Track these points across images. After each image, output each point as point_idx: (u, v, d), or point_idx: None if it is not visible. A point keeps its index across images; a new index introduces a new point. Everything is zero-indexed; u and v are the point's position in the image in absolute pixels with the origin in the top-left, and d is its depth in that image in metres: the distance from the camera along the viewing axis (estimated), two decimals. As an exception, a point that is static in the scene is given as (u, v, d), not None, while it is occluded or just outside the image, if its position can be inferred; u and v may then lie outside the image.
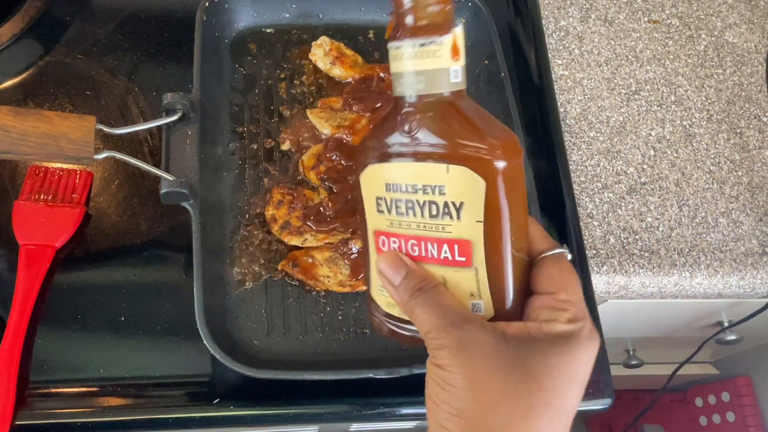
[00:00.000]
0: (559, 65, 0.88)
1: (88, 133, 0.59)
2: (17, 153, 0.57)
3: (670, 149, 0.84)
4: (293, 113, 0.73)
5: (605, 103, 0.86)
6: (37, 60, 0.74)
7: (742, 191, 0.82)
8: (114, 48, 0.76)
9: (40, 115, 0.57)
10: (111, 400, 0.58)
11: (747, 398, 1.26)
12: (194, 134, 0.65)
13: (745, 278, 0.78)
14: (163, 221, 0.67)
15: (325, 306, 0.64)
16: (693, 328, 1.07)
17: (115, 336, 0.61)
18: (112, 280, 0.64)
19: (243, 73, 0.74)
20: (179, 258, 0.65)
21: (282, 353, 0.61)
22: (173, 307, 0.63)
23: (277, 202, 0.66)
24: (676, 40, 0.92)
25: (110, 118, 0.72)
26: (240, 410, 0.60)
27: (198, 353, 0.59)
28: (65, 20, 0.77)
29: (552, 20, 0.91)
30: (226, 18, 0.75)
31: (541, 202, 0.69)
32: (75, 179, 0.67)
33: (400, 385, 0.60)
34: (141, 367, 0.60)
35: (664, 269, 0.76)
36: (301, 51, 0.77)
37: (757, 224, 0.80)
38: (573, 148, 0.82)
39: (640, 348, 1.19)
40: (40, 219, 0.64)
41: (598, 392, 0.65)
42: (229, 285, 0.63)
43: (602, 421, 1.49)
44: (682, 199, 0.81)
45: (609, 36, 0.91)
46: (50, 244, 0.63)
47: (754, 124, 0.87)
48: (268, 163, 0.70)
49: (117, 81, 0.74)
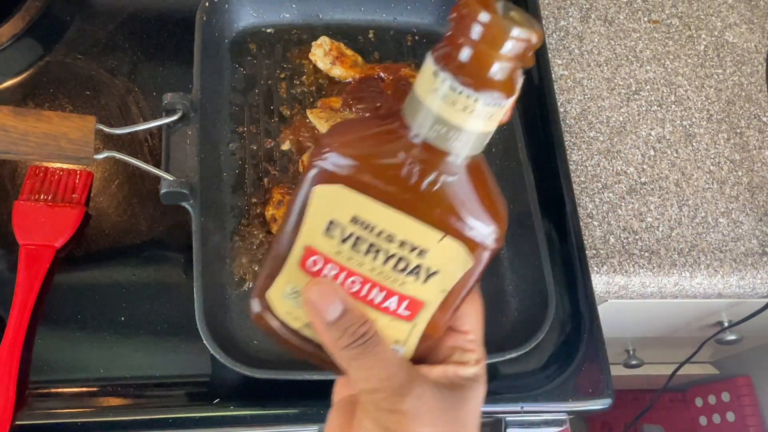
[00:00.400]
0: (559, 65, 0.88)
1: (88, 133, 0.59)
2: (17, 153, 0.57)
3: (670, 149, 0.84)
4: (293, 113, 0.73)
5: (605, 103, 0.86)
6: (37, 60, 0.74)
7: (742, 191, 0.82)
8: (114, 48, 0.76)
9: (40, 115, 0.57)
10: (111, 400, 0.58)
11: (747, 398, 1.26)
12: (194, 134, 0.65)
13: (745, 278, 0.78)
14: (163, 221, 0.67)
15: (325, 306, 0.64)
16: (693, 328, 1.07)
17: (115, 336, 0.61)
18: (112, 280, 0.64)
19: (243, 73, 0.74)
20: (179, 258, 0.65)
21: (282, 353, 0.61)
22: (173, 307, 0.63)
23: (277, 202, 0.66)
24: (676, 40, 0.92)
25: (110, 118, 0.72)
26: (240, 410, 0.60)
27: (198, 353, 0.59)
28: (65, 20, 0.77)
29: (552, 20, 0.91)
30: (226, 18, 0.75)
31: (541, 202, 0.69)
32: (75, 179, 0.67)
33: (400, 385, 0.60)
34: (141, 367, 0.60)
35: (664, 269, 0.76)
36: (301, 51, 0.77)
37: (757, 224, 0.80)
38: (573, 148, 0.82)
39: (640, 348, 1.19)
40: (40, 219, 0.64)
41: (598, 392, 0.65)
42: (229, 285, 0.63)
43: (602, 421, 1.49)
44: (682, 199, 0.81)
45: (609, 36, 0.91)
46: (50, 244, 0.63)
47: (754, 124, 0.87)
48: (268, 163, 0.70)
49: (117, 81, 0.74)
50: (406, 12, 0.80)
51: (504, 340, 0.63)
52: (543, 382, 0.65)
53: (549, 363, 0.66)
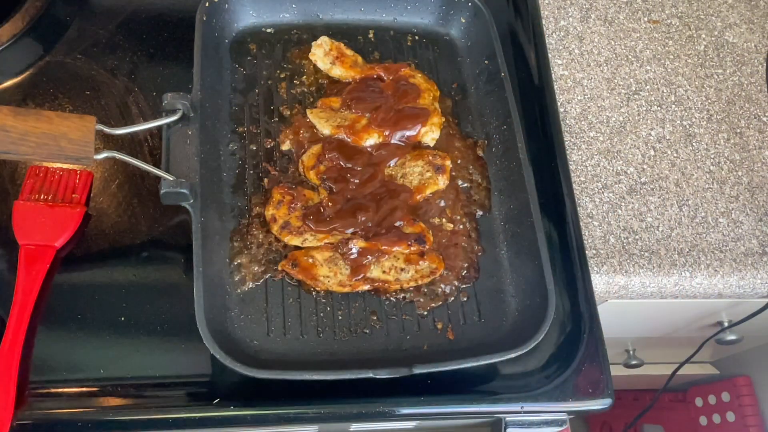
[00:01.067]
0: (559, 65, 0.88)
1: (88, 133, 0.59)
2: (17, 153, 0.57)
3: (670, 149, 0.84)
4: (293, 113, 0.73)
5: (605, 103, 0.86)
6: (37, 60, 0.74)
7: (742, 191, 0.82)
8: (114, 48, 0.76)
9: (40, 115, 0.57)
10: (111, 400, 0.58)
11: (747, 398, 1.26)
12: (194, 134, 0.65)
13: (745, 278, 0.78)
14: (163, 221, 0.67)
15: (325, 306, 0.64)
16: (693, 328, 1.07)
17: (115, 336, 0.61)
18: (112, 280, 0.64)
19: (243, 73, 0.74)
20: (179, 258, 0.65)
21: (282, 353, 0.61)
22: (173, 307, 0.63)
23: (277, 202, 0.66)
24: (676, 40, 0.92)
25: (110, 118, 0.72)
26: (240, 410, 0.60)
27: (198, 353, 0.59)
28: (65, 20, 0.77)
29: (552, 20, 0.91)
30: (226, 18, 0.75)
31: (541, 202, 0.69)
32: (75, 179, 0.67)
33: (400, 385, 0.60)
34: (141, 367, 0.60)
35: (664, 269, 0.76)
36: (301, 51, 0.77)
37: (757, 224, 0.80)
38: (573, 148, 0.82)
39: (640, 348, 1.19)
40: (40, 219, 0.64)
41: (598, 392, 0.65)
42: (229, 285, 0.63)
43: (602, 421, 1.49)
44: (682, 199, 0.81)
45: (609, 36, 0.91)
46: (50, 244, 0.63)
47: (754, 124, 0.87)
48: (268, 163, 0.70)
49: (117, 81, 0.74)
50: (406, 12, 0.80)
51: (504, 340, 0.63)
52: (543, 382, 0.65)
53: (549, 363, 0.66)
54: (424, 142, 0.73)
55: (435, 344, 0.64)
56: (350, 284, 0.64)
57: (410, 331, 0.64)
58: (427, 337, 0.64)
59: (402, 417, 0.63)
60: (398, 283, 0.65)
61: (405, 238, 0.66)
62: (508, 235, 0.69)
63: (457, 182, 0.72)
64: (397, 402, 0.62)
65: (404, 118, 0.72)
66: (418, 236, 0.66)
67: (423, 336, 0.64)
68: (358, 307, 0.64)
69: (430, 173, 0.70)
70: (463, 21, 0.80)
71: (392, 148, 0.71)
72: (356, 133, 0.71)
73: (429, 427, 0.72)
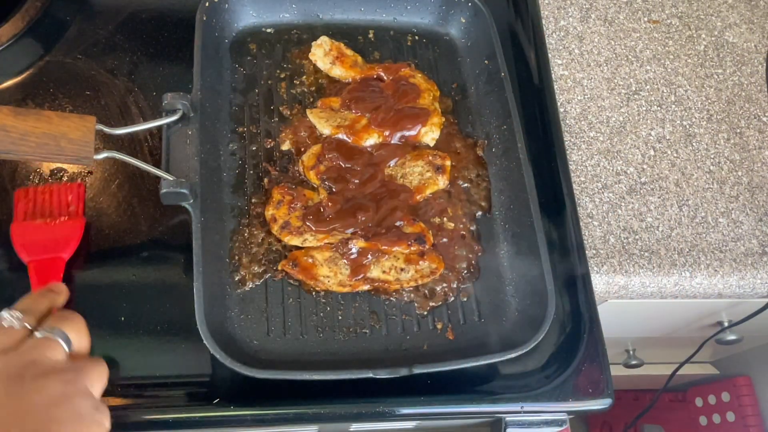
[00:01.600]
0: (559, 65, 0.88)
1: (88, 133, 0.59)
2: (17, 153, 0.57)
3: (670, 149, 0.84)
4: (293, 113, 0.73)
5: (605, 103, 0.86)
6: (37, 60, 0.74)
7: (742, 191, 0.82)
8: (114, 48, 0.76)
9: (40, 115, 0.57)
10: (111, 400, 0.58)
11: (747, 398, 1.26)
12: (194, 134, 0.65)
13: (745, 278, 0.78)
14: (163, 221, 0.67)
15: (325, 306, 0.64)
16: (693, 328, 1.07)
17: (115, 336, 0.61)
18: (112, 280, 0.64)
19: (243, 73, 0.74)
20: (179, 258, 0.65)
21: (282, 353, 0.61)
22: (173, 307, 0.63)
23: (277, 202, 0.66)
24: (676, 40, 0.92)
25: (110, 118, 0.72)
26: (240, 410, 0.60)
27: (198, 353, 0.59)
28: (65, 20, 0.77)
29: (552, 20, 0.91)
30: (226, 18, 0.75)
31: (541, 202, 0.69)
32: (67, 194, 0.65)
33: (400, 385, 0.60)
34: (141, 367, 0.60)
35: (664, 269, 0.76)
36: (301, 51, 0.77)
37: (757, 224, 0.80)
38: (573, 148, 0.82)
39: (640, 348, 1.19)
40: (41, 236, 0.62)
41: (598, 392, 0.65)
42: (229, 285, 0.63)
43: (602, 421, 1.49)
44: (682, 199, 0.81)
45: (609, 36, 0.91)
46: (59, 255, 0.62)
47: (754, 124, 0.87)
48: (268, 163, 0.70)
49: (117, 81, 0.74)
50: (406, 12, 0.80)
51: (504, 340, 0.63)
52: (543, 382, 0.65)
53: (549, 363, 0.66)
54: (424, 142, 0.73)
55: (435, 344, 0.64)
56: (350, 284, 0.64)
57: (410, 331, 0.64)
58: (427, 337, 0.64)
59: (402, 417, 0.63)
60: (398, 283, 0.65)
61: (405, 238, 0.66)
62: (508, 235, 0.69)
63: (458, 182, 0.72)
64: (397, 402, 0.62)
65: (404, 118, 0.72)
66: (418, 236, 0.66)
67: (423, 336, 0.64)
68: (358, 307, 0.64)
69: (430, 173, 0.70)
70: (463, 21, 0.80)
71: (392, 148, 0.71)
72: (356, 133, 0.71)
73: (429, 427, 0.72)
